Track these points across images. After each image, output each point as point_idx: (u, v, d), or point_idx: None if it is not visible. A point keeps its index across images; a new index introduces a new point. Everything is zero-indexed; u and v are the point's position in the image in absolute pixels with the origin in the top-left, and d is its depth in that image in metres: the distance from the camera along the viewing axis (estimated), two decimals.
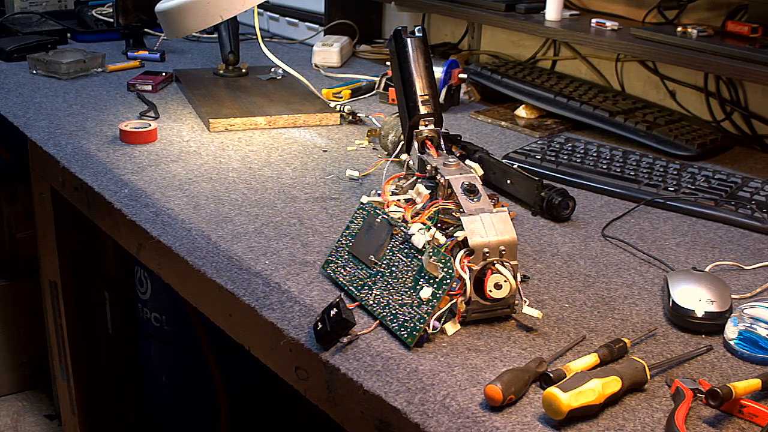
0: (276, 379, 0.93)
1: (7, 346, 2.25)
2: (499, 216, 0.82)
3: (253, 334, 0.92)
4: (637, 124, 1.38)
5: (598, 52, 1.64)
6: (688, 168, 1.21)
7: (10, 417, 2.24)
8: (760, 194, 1.13)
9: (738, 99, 1.45)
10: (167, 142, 1.32)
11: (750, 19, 1.37)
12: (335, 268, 0.91)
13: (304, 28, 2.08)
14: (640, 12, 1.56)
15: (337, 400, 0.82)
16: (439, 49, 1.89)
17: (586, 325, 0.84)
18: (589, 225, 1.08)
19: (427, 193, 0.89)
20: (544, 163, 1.24)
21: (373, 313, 0.84)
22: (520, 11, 1.58)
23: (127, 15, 2.02)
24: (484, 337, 0.81)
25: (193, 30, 1.42)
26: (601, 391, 0.70)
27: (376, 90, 1.62)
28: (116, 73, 1.74)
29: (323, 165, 1.25)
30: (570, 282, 0.93)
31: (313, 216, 1.07)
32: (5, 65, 1.78)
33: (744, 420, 0.70)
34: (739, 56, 1.24)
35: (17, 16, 2.12)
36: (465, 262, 0.80)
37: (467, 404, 0.71)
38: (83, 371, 1.68)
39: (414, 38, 1.02)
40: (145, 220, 1.08)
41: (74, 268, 1.60)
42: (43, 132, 1.37)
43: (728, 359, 0.79)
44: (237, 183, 1.16)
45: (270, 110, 1.45)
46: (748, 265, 0.98)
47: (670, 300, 0.85)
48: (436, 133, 0.98)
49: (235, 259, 0.95)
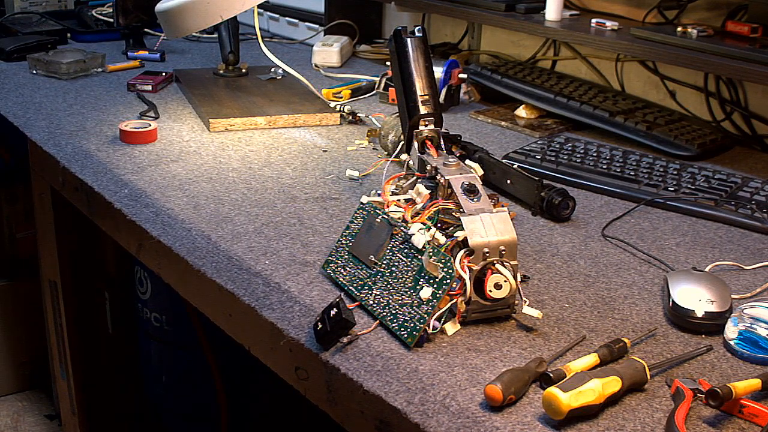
0: (276, 379, 0.93)
1: (7, 346, 2.25)
2: (499, 216, 0.82)
3: (253, 334, 0.92)
4: (637, 124, 1.38)
5: (598, 52, 1.64)
6: (688, 168, 1.21)
7: (10, 417, 2.24)
8: (760, 194, 1.13)
9: (738, 99, 1.45)
10: (167, 142, 1.32)
11: (750, 19, 1.37)
12: (335, 268, 0.91)
13: (304, 28, 2.08)
14: (640, 12, 1.56)
15: (337, 400, 0.81)
16: (439, 49, 1.89)
17: (586, 325, 0.84)
18: (589, 225, 1.08)
19: (427, 193, 0.89)
20: (544, 163, 1.24)
21: (373, 313, 0.84)
22: (520, 11, 1.58)
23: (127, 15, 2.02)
24: (484, 337, 0.81)
25: (193, 30, 1.42)
26: (601, 391, 0.70)
27: (376, 90, 1.62)
28: (116, 73, 1.74)
29: (323, 165, 1.25)
30: (570, 282, 0.93)
31: (313, 216, 1.07)
32: (5, 65, 1.78)
33: (744, 420, 0.70)
34: (739, 56, 1.24)
35: (17, 16, 2.12)
36: (465, 262, 0.80)
37: (467, 404, 0.71)
38: (83, 371, 1.68)
39: (414, 38, 1.02)
40: (145, 220, 1.08)
41: (74, 268, 1.60)
42: (43, 132, 1.37)
43: (728, 359, 0.79)
44: (237, 183, 1.16)
45: (270, 110, 1.44)
46: (748, 265, 0.98)
47: (670, 300, 0.85)
48: (436, 133, 0.98)
49: (235, 259, 0.95)
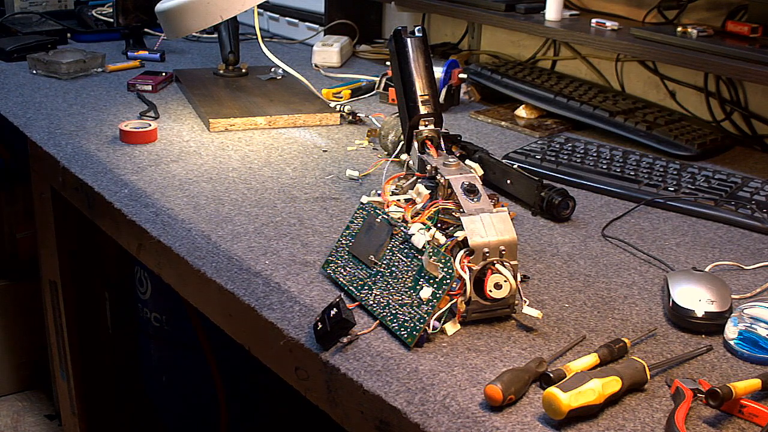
0: (276, 379, 0.93)
1: (7, 346, 2.25)
2: (499, 216, 0.82)
3: (253, 334, 0.92)
4: (637, 124, 1.38)
5: (598, 52, 1.64)
6: (688, 168, 1.21)
7: (10, 417, 2.24)
8: (760, 194, 1.13)
9: (738, 99, 1.45)
10: (167, 142, 1.32)
11: (750, 19, 1.37)
12: (335, 268, 0.91)
13: (304, 28, 2.08)
14: (640, 12, 1.56)
15: (337, 400, 0.82)
16: (439, 49, 1.89)
17: (586, 325, 0.84)
18: (589, 225, 1.08)
19: (427, 193, 0.89)
20: (544, 163, 1.24)
21: (373, 313, 0.84)
22: (520, 11, 1.58)
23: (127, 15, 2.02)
24: (484, 337, 0.81)
25: (193, 30, 1.42)
26: (601, 391, 0.70)
27: (376, 90, 1.62)
28: (116, 73, 1.74)
29: (323, 165, 1.25)
30: (570, 282, 0.93)
31: (313, 216, 1.07)
32: (5, 65, 1.78)
33: (744, 420, 0.70)
34: (739, 56, 1.24)
35: (17, 16, 2.12)
36: (465, 262, 0.80)
37: (467, 404, 0.71)
38: (83, 371, 1.68)
39: (414, 38, 1.02)
40: (145, 220, 1.08)
41: (74, 268, 1.60)
42: (43, 132, 1.37)
43: (728, 359, 0.79)
44: (237, 183, 1.16)
45: (270, 110, 1.44)
46: (748, 265, 0.98)
47: (670, 300, 0.85)
48: (436, 133, 0.98)
49: (235, 259, 0.95)
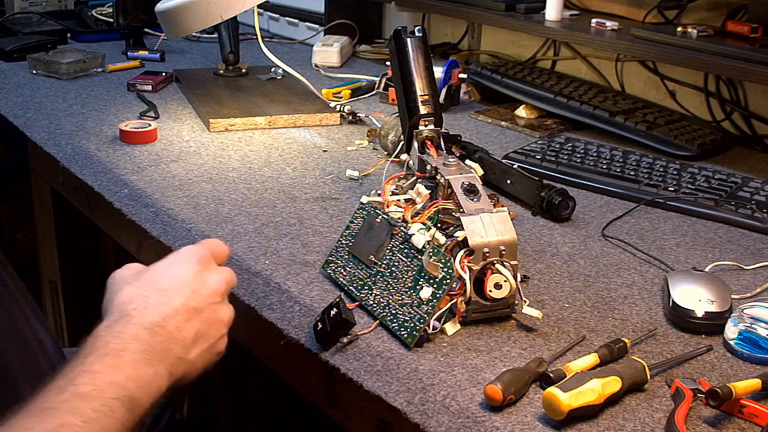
0: (276, 379, 0.93)
1: None
2: (499, 216, 0.82)
3: (253, 334, 0.92)
4: (637, 124, 1.38)
5: (598, 52, 1.64)
6: (688, 168, 1.21)
7: None
8: (760, 194, 1.13)
9: (738, 99, 1.45)
10: (167, 142, 1.32)
11: (750, 19, 1.37)
12: (335, 268, 0.91)
13: (304, 28, 2.08)
14: (640, 12, 1.56)
15: (337, 400, 0.82)
16: (439, 49, 1.89)
17: (586, 325, 0.84)
18: (589, 225, 1.08)
19: (427, 193, 0.89)
20: (544, 163, 1.24)
21: (373, 313, 0.84)
22: (520, 11, 1.58)
23: (127, 15, 2.02)
24: (484, 337, 0.81)
25: (193, 30, 1.42)
26: (601, 391, 0.70)
27: (376, 90, 1.62)
28: (116, 73, 1.74)
29: (323, 165, 1.25)
30: (570, 282, 0.93)
31: (313, 216, 1.06)
32: (5, 65, 1.77)
33: (744, 420, 0.70)
34: (739, 56, 1.24)
35: (17, 16, 2.11)
36: (465, 262, 0.80)
37: (467, 404, 0.71)
38: None
39: (414, 38, 1.02)
40: (145, 220, 1.08)
41: (74, 268, 1.60)
42: (43, 132, 1.37)
43: (728, 359, 0.79)
44: (237, 183, 1.16)
45: (270, 110, 1.44)
46: (748, 265, 0.98)
47: (670, 300, 0.85)
48: (436, 133, 0.98)
49: (235, 259, 0.95)
